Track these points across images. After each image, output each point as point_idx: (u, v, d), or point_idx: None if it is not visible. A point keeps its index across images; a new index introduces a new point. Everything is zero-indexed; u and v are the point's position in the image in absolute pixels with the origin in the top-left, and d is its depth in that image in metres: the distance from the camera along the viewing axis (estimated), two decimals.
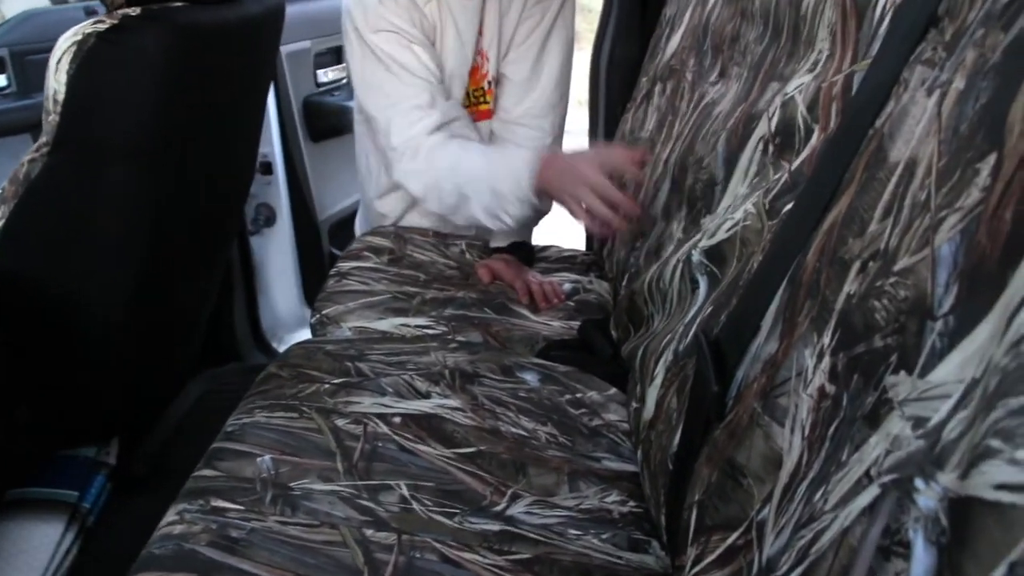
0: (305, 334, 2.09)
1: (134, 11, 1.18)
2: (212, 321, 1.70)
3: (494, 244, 1.55)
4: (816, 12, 0.81)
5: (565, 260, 1.66)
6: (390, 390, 1.05)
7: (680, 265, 0.95)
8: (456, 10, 1.44)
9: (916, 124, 0.58)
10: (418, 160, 1.37)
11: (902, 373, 0.51)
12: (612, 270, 1.47)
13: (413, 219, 1.63)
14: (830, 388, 0.58)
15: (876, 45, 0.68)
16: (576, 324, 1.36)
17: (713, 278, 0.87)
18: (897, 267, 0.55)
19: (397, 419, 1.00)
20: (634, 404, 1.02)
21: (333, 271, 1.48)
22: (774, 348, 0.67)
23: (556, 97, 1.54)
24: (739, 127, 0.90)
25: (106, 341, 1.31)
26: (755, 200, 0.81)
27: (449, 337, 1.28)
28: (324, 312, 1.35)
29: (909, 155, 0.58)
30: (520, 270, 1.49)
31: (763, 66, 0.94)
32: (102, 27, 1.15)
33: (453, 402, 1.05)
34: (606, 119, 1.80)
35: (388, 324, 1.31)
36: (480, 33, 1.49)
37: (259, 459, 0.91)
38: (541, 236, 1.70)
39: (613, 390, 1.13)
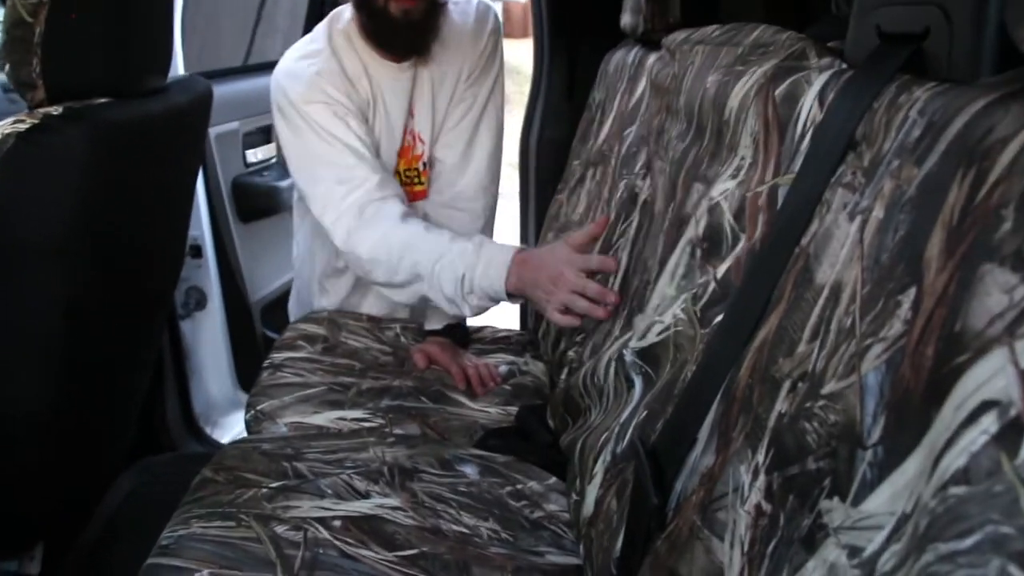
0: (239, 418, 2.04)
1: (56, 110, 1.15)
2: (143, 409, 1.65)
3: (429, 327, 1.55)
4: (739, 119, 0.83)
5: (500, 340, 1.66)
6: (329, 491, 1.04)
7: (613, 363, 0.96)
8: (386, 88, 1.46)
9: (840, 248, 0.60)
10: (364, 226, 1.35)
11: (836, 499, 0.52)
12: (548, 352, 1.48)
13: (354, 301, 1.62)
14: (766, 506, 0.59)
15: (798, 161, 0.70)
16: (513, 409, 1.36)
17: (648, 379, 0.88)
18: (825, 391, 0.57)
19: (337, 523, 0.98)
20: (574, 496, 1.02)
21: (267, 363, 1.45)
22: (711, 461, 0.68)
23: (487, 180, 1.56)
24: (672, 229, 0.92)
25: (29, 444, 1.26)
26: (684, 305, 0.82)
27: (387, 430, 1.27)
28: (259, 408, 1.32)
29: (834, 279, 0.60)
30: (455, 353, 1.49)
31: (685, 164, 0.96)
32: (22, 127, 1.12)
33: (393, 501, 1.04)
34: (537, 200, 1.82)
35: (324, 418, 1.29)
36: (411, 114, 1.50)
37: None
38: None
39: (552, 479, 1.13)
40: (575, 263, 1.15)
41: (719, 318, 0.75)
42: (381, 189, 1.38)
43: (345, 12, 1.47)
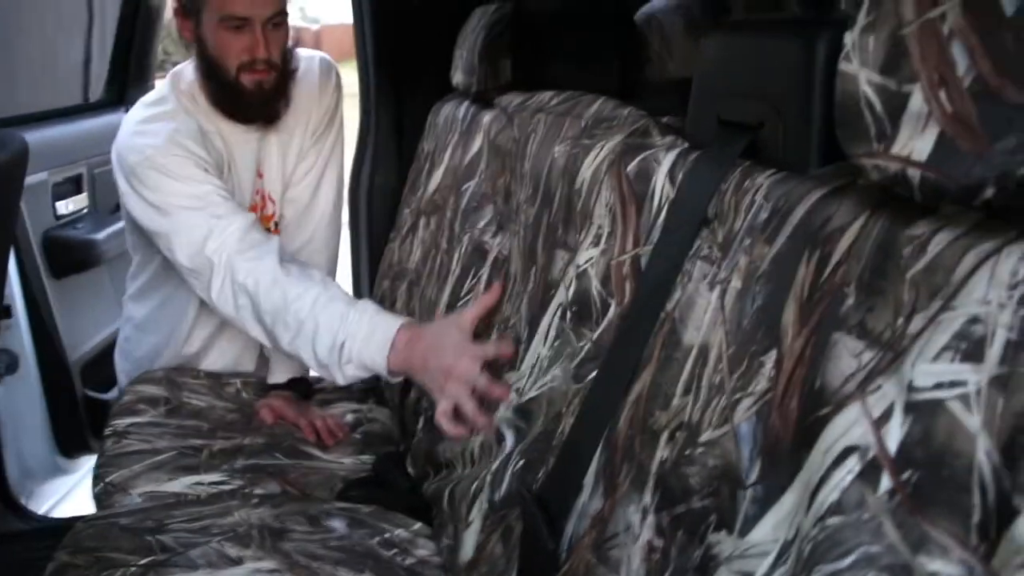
0: (60, 485, 1.92)
1: None
2: None
3: (272, 380, 1.55)
4: (592, 191, 0.93)
5: (341, 389, 1.66)
6: (202, 562, 1.03)
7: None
8: (235, 149, 1.46)
9: (703, 313, 0.70)
10: (247, 256, 1.31)
11: (723, 532, 0.61)
12: (394, 399, 1.51)
13: (194, 357, 1.58)
14: (658, 542, 0.68)
15: (656, 233, 0.80)
16: (368, 458, 1.38)
17: (519, 432, 0.95)
18: (703, 439, 0.66)
19: None
20: (446, 541, 1.07)
21: (109, 430, 1.40)
22: (599, 505, 0.76)
23: (330, 234, 1.58)
24: (538, 292, 1.00)
25: None
26: (563, 366, 0.90)
27: (248, 491, 1.26)
28: (108, 480, 1.28)
29: (700, 340, 0.69)
30: (301, 406, 1.50)
31: (540, 229, 1.05)
32: None
33: (269, 564, 1.04)
34: (370, 247, 1.86)
35: (180, 484, 1.27)
36: (260, 174, 1.50)
37: None
38: None
39: (417, 524, 1.17)
40: (470, 352, 1.08)
41: (592, 375, 0.83)
42: (256, 225, 1.37)
43: (186, 72, 1.45)
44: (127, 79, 2.39)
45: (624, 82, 1.36)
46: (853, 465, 0.52)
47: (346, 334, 1.19)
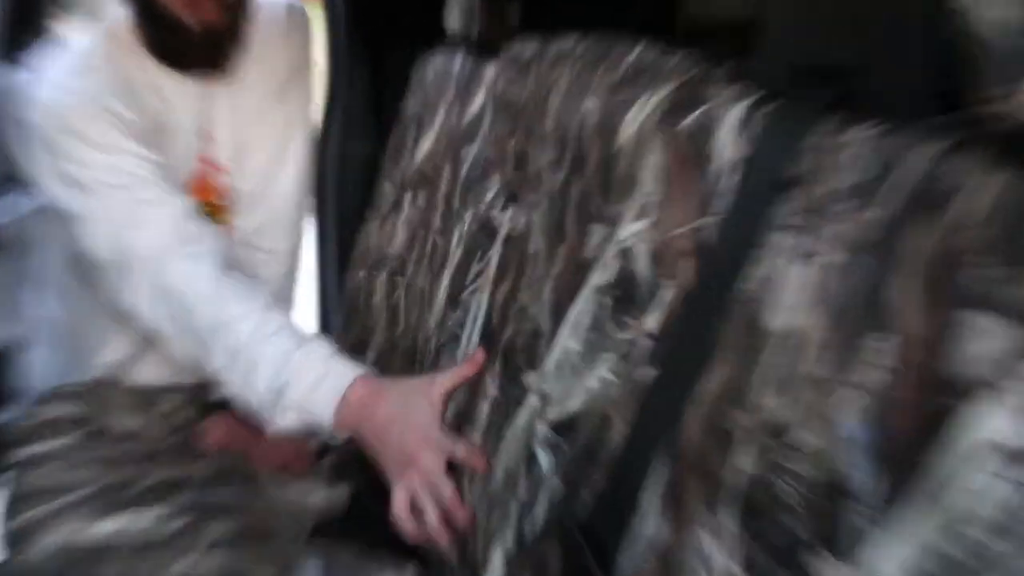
0: None
1: None
2: None
3: (216, 398, 1.55)
4: (635, 152, 0.95)
5: None
6: None
7: (523, 440, 1.03)
8: (174, 102, 1.46)
9: (793, 293, 0.72)
10: (183, 253, 1.31)
11: (827, 556, 0.64)
12: None
13: (122, 368, 1.58)
14: (741, 572, 0.70)
15: (723, 200, 0.82)
16: (338, 493, 1.40)
17: (559, 452, 0.97)
18: (797, 443, 0.68)
19: None
20: None
21: (9, 461, 1.40)
22: (663, 531, 0.78)
23: (295, 215, 1.60)
24: (567, 275, 1.02)
25: None
26: (614, 366, 0.92)
27: (196, 535, 1.27)
28: (18, 522, 1.28)
29: (791, 326, 0.72)
30: (254, 430, 1.50)
31: (569, 199, 1.07)
32: None
33: None
34: (340, 231, 1.86)
35: (110, 527, 1.28)
36: (208, 137, 1.51)
37: None
38: None
39: (409, 569, 1.19)
40: (436, 444, 1.12)
41: (646, 371, 0.86)
42: (193, 214, 1.37)
43: (115, 12, 1.46)
44: (18, 28, 2.36)
45: (667, 23, 1.38)
46: (995, 466, 0.55)
47: (290, 375, 1.21)
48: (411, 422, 1.14)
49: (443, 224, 1.44)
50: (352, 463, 1.49)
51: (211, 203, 1.52)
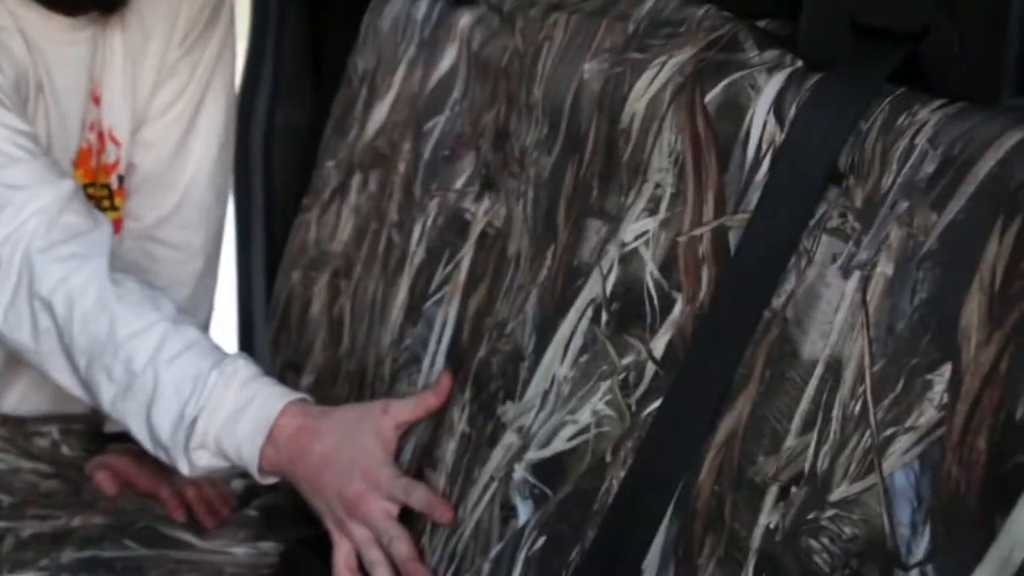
0: None
1: None
2: None
3: (110, 429, 1.54)
4: (647, 130, 0.96)
5: None
6: None
7: (495, 484, 1.04)
8: (52, 54, 1.44)
9: (833, 312, 0.74)
10: (56, 255, 1.29)
11: None
12: None
13: (13, 396, 1.56)
14: None
15: (752, 194, 0.84)
16: (270, 547, 1.39)
17: (540, 500, 0.98)
18: (834, 496, 0.70)
19: None
20: None
21: None
22: None
23: (211, 197, 1.59)
24: (557, 283, 1.03)
25: None
26: (607, 396, 0.93)
27: None
28: None
29: (829, 352, 0.74)
30: (160, 467, 1.49)
31: (561, 189, 1.08)
32: None
33: None
34: (268, 221, 1.86)
35: None
36: (96, 100, 1.50)
37: None
38: None
39: None
40: (387, 488, 1.12)
41: (653, 405, 0.87)
42: (78, 200, 1.35)
43: None
44: None
45: None
46: None
47: (202, 404, 1.20)
48: (356, 460, 1.14)
49: (401, 216, 1.44)
50: (284, 511, 1.48)
51: (102, 185, 1.51)
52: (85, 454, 1.56)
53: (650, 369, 0.89)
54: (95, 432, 1.58)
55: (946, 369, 0.65)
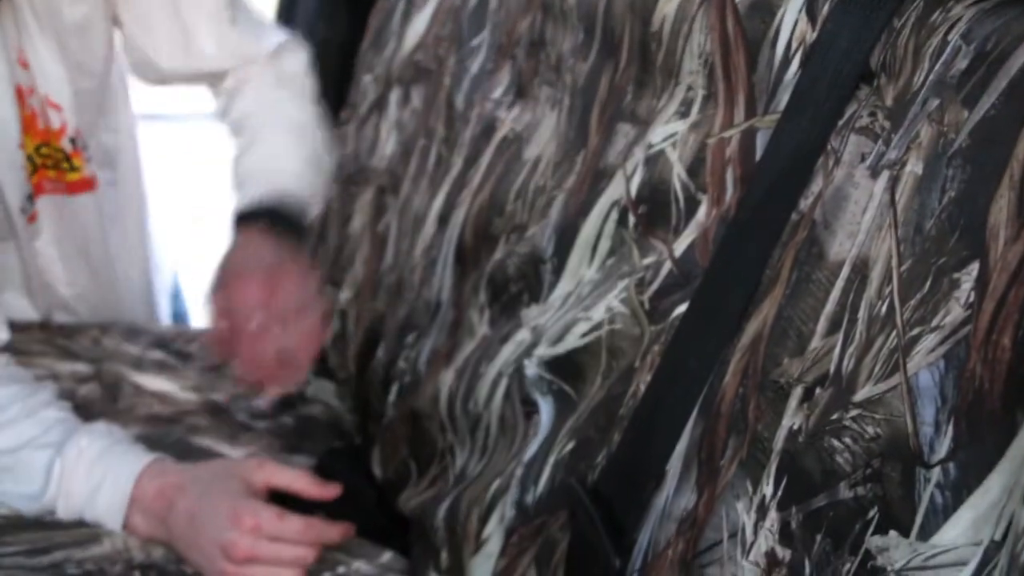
0: None
1: None
2: None
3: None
4: (678, 33, 0.95)
5: None
6: None
7: (504, 380, 1.05)
8: None
9: (861, 213, 0.73)
10: None
11: (892, 534, 0.65)
12: (346, 363, 1.54)
13: None
14: (783, 553, 0.72)
15: (782, 95, 0.82)
16: (302, 460, 1.40)
17: (563, 399, 0.98)
18: (859, 397, 0.69)
19: None
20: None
21: None
22: (691, 501, 0.79)
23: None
24: (582, 186, 1.03)
25: None
26: (623, 294, 0.93)
27: None
28: None
29: (856, 253, 0.73)
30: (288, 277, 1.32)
31: (597, 94, 1.07)
32: None
33: None
34: None
35: None
36: (24, 66, 1.38)
37: None
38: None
39: (387, 555, 1.20)
40: (263, 528, 1.10)
41: (680, 309, 0.87)
42: None
43: None
44: None
45: None
46: None
47: (54, 495, 1.18)
48: (225, 506, 1.11)
49: (447, 131, 1.43)
50: (318, 421, 1.50)
51: (55, 148, 1.46)
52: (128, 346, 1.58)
53: (665, 267, 0.89)
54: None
55: (973, 267, 0.64)
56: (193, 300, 1.96)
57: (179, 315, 1.96)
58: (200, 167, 4.08)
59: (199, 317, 1.84)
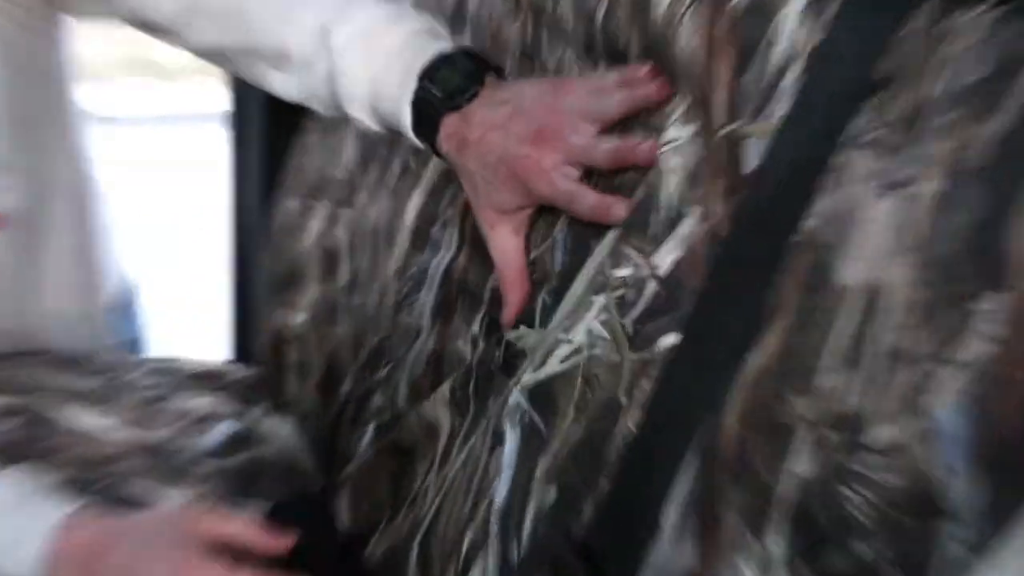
0: None
1: None
2: None
3: None
4: (673, 35, 0.92)
5: (202, 380, 1.66)
6: None
7: (494, 416, 1.02)
8: None
9: (873, 235, 0.70)
10: None
11: None
12: (309, 395, 1.51)
13: None
14: None
15: (776, 105, 0.79)
16: (249, 506, 1.36)
17: (530, 432, 0.96)
18: (873, 440, 0.66)
19: None
20: None
21: None
22: (689, 557, 0.76)
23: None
24: None
25: None
26: (603, 315, 0.90)
27: None
28: None
29: (867, 279, 0.69)
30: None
31: None
32: None
33: None
34: (266, 143, 1.84)
35: None
36: None
37: None
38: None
39: None
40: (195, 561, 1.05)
41: (667, 336, 0.84)
42: None
43: None
44: None
45: None
46: None
47: None
48: (161, 558, 1.06)
49: None
50: (272, 467, 1.47)
51: None
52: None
53: (650, 287, 0.86)
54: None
55: (996, 296, 0.61)
56: (150, 319, 1.92)
57: (131, 340, 1.91)
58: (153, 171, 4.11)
59: (154, 339, 1.82)
